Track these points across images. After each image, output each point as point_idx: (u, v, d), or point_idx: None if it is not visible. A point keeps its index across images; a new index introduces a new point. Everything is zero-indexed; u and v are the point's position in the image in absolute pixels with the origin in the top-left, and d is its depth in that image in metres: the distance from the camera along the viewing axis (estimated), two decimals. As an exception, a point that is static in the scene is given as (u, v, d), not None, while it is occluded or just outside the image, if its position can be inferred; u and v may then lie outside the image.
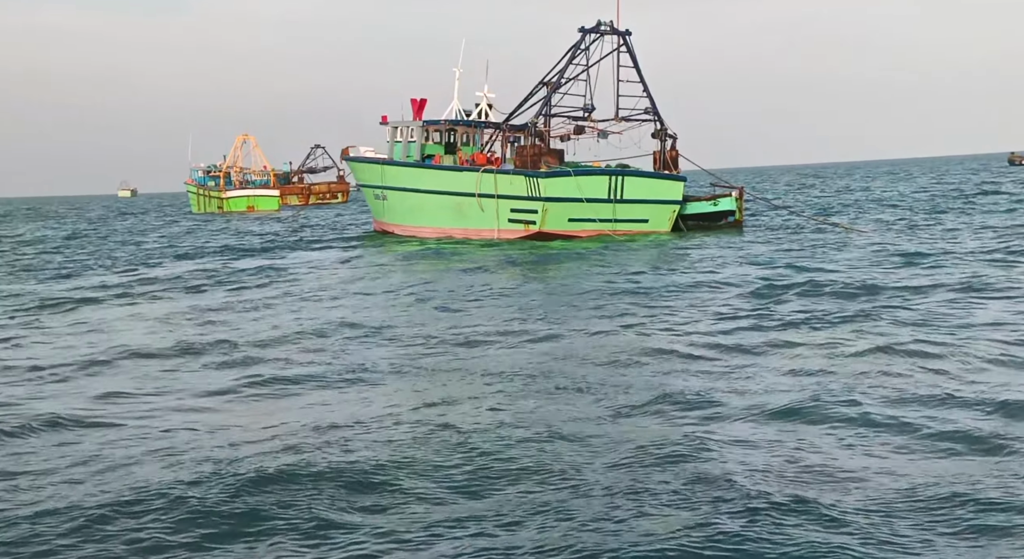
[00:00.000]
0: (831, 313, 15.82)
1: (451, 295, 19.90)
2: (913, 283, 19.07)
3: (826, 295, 17.67)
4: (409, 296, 20.18)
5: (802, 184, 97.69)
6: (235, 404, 11.08)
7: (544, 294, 19.74)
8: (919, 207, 46.16)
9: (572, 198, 35.91)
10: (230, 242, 42.55)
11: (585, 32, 37.87)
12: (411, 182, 40.85)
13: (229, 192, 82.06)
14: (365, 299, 20.33)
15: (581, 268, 24.98)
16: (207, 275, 26.72)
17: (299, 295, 21.21)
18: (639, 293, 19.36)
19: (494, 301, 18.76)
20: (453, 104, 42.03)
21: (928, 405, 9.92)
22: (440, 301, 18.97)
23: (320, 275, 26.14)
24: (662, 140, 38.33)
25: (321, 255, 33.57)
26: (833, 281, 19.44)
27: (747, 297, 17.89)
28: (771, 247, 28.88)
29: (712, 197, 37.92)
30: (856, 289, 18.21)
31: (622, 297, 18.78)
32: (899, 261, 23.29)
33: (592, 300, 18.30)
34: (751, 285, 19.60)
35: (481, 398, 10.78)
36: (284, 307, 19.40)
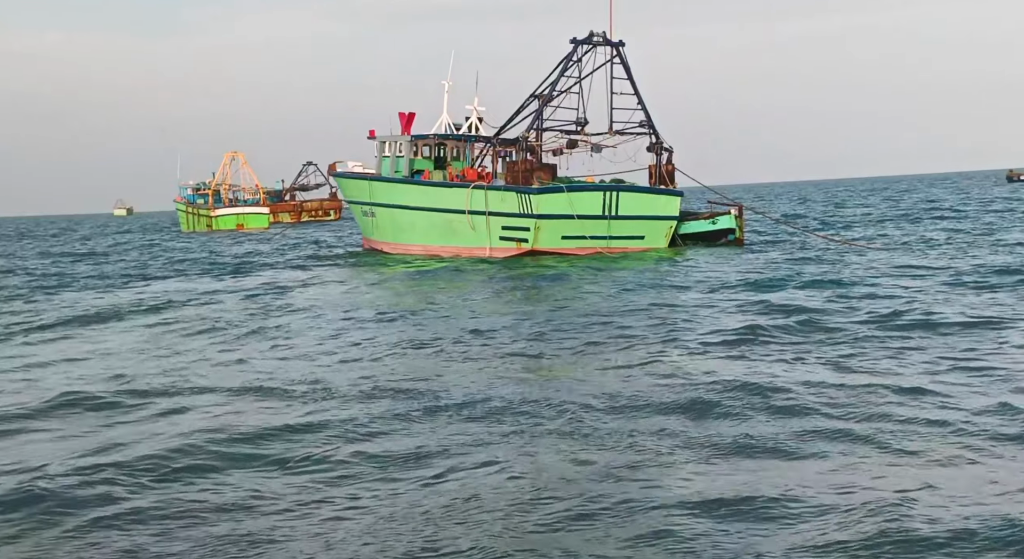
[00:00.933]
0: (825, 344, 14.52)
1: (429, 331, 18.38)
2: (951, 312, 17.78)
3: (824, 324, 16.22)
4: (380, 329, 18.67)
5: (802, 198, 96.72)
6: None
7: (532, 324, 18.29)
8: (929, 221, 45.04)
9: (565, 215, 34.65)
10: (203, 261, 41.20)
11: (577, 43, 36.67)
12: (399, 199, 39.60)
13: (218, 210, 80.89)
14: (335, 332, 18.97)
15: (573, 291, 23.61)
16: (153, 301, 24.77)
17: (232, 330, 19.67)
18: (634, 314, 18.05)
19: (476, 340, 17.25)
20: (442, 118, 40.82)
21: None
22: (415, 339, 17.32)
23: (287, 299, 24.56)
24: (658, 154, 37.08)
25: (296, 275, 32.13)
26: (834, 306, 18.12)
27: (745, 326, 16.41)
28: (772, 265, 27.57)
29: (711, 215, 36.63)
30: (867, 318, 16.82)
31: (614, 324, 17.46)
32: (919, 278, 22.03)
33: (582, 329, 16.91)
34: (750, 312, 18.20)
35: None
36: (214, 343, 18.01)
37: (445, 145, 40.95)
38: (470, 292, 23.31)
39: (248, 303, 23.05)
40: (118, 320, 20.68)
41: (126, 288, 29.26)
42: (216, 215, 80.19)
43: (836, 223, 48.83)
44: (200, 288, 28.26)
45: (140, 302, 24.06)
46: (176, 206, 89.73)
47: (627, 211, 35.33)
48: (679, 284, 23.06)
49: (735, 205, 36.53)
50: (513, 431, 9.84)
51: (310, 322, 18.75)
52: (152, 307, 22.75)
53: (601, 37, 36.58)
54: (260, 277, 31.45)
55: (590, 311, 18.70)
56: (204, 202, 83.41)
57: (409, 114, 40.48)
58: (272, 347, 16.06)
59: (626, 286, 22.91)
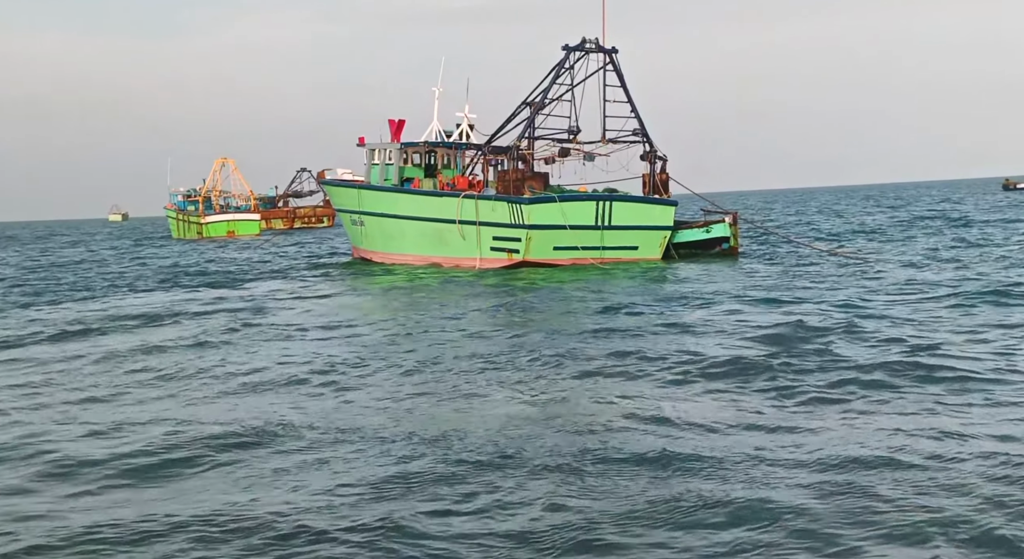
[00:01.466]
0: (836, 370, 13.79)
1: (411, 352, 17.62)
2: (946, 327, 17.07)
3: (831, 345, 15.52)
4: (355, 351, 17.94)
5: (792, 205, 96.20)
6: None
7: (520, 340, 17.62)
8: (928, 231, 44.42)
9: (557, 225, 33.95)
10: (184, 269, 40.45)
11: (569, 50, 36.01)
12: (389, 207, 38.90)
13: (208, 217, 79.58)
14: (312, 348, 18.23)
15: (565, 304, 22.89)
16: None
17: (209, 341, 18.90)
18: (624, 335, 17.35)
19: (459, 357, 16.60)
20: (433, 125, 40.16)
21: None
22: (398, 357, 16.63)
23: (267, 312, 23.69)
24: (651, 162, 36.42)
25: (277, 288, 31.30)
26: (838, 323, 17.42)
27: (740, 347, 15.78)
28: (769, 279, 26.86)
29: (705, 223, 35.96)
30: (875, 339, 16.08)
31: (605, 341, 16.77)
32: (917, 293, 21.34)
33: (570, 348, 16.19)
34: (746, 330, 17.48)
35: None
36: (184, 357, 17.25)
37: (435, 153, 40.26)
38: (456, 310, 22.46)
39: (210, 324, 21.10)
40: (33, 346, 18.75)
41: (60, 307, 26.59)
42: (206, 222, 78.87)
43: (834, 231, 48.22)
44: (156, 303, 26.41)
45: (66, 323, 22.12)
46: (166, 213, 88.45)
47: (620, 221, 34.65)
48: (670, 301, 22.22)
49: (729, 213, 35.86)
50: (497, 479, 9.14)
51: (280, 349, 17.38)
52: (80, 331, 20.64)
53: (594, 44, 35.92)
54: (237, 290, 30.63)
55: (576, 333, 17.90)
56: (195, 209, 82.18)
57: (399, 121, 39.84)
58: (222, 385, 14.37)
59: (616, 304, 22.10)
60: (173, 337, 19.25)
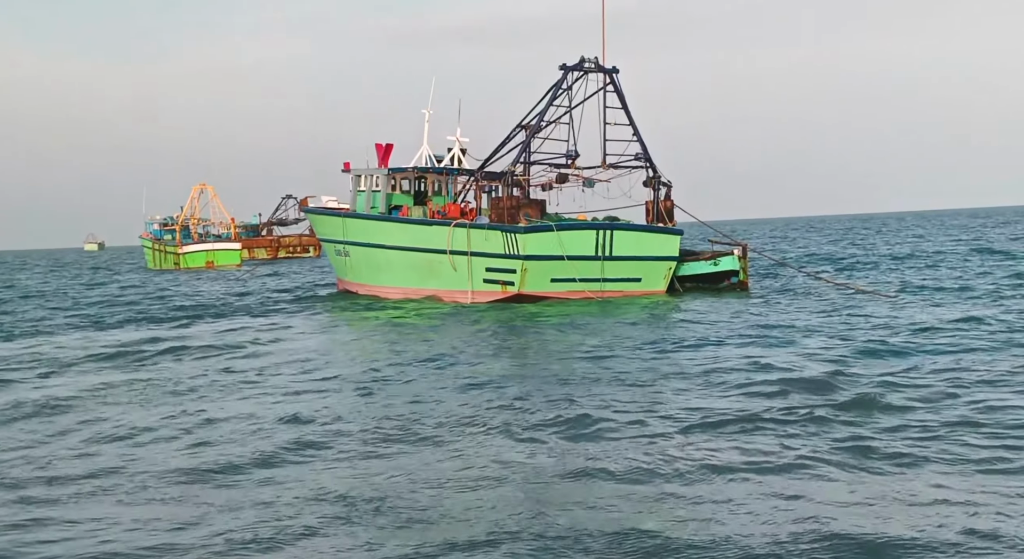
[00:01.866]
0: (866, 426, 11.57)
1: (390, 407, 15.20)
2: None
3: (836, 412, 13.01)
4: (332, 404, 15.53)
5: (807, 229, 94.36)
6: None
7: (511, 390, 15.22)
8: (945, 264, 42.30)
9: (555, 256, 31.69)
10: (150, 306, 37.94)
11: (567, 70, 33.85)
12: (375, 237, 36.61)
13: (186, 247, 76.17)
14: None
15: (562, 345, 20.49)
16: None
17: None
18: (627, 383, 15.09)
19: (439, 414, 14.16)
20: (423, 149, 37.97)
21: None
22: (371, 417, 14.19)
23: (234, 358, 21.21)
24: (655, 189, 34.19)
25: (251, 323, 28.88)
26: (859, 375, 15.13)
27: (740, 413, 13.09)
28: (785, 317, 24.57)
29: (712, 255, 33.69)
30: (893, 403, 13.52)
31: (605, 390, 14.50)
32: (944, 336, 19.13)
33: (565, 401, 13.85)
34: (763, 377, 15.10)
35: None
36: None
37: (425, 179, 38.05)
38: (442, 352, 19.92)
39: (162, 369, 18.64)
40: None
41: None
42: (184, 252, 75.47)
43: (849, 262, 46.06)
44: (105, 342, 23.76)
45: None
46: (142, 242, 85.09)
47: (622, 251, 32.41)
48: (681, 343, 19.88)
49: (739, 245, 33.62)
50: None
51: (242, 403, 15.06)
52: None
53: (593, 63, 33.78)
54: (202, 328, 28.20)
55: (575, 380, 15.55)
56: (171, 238, 78.95)
57: (386, 145, 37.66)
58: (166, 446, 12.23)
59: (618, 345, 19.79)
60: (119, 382, 16.89)
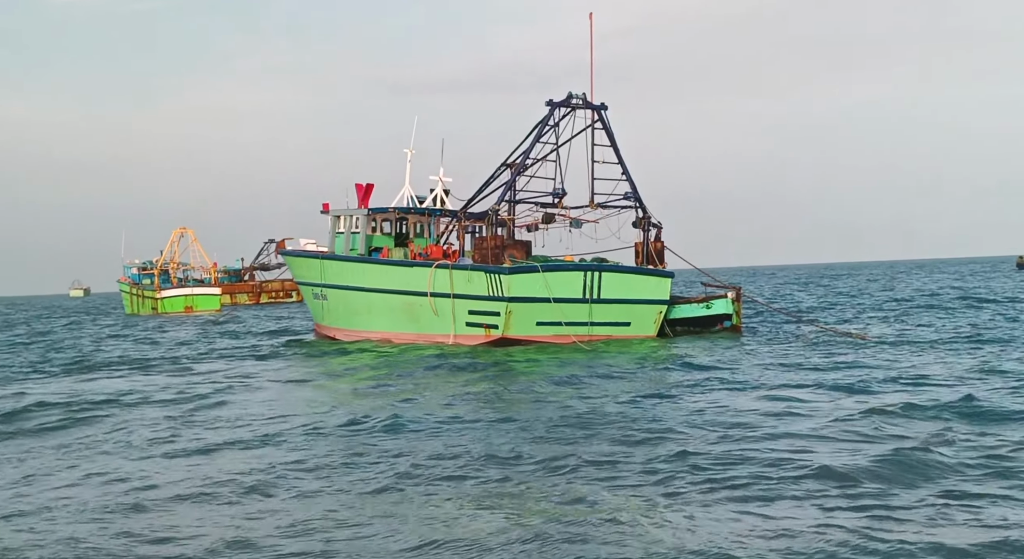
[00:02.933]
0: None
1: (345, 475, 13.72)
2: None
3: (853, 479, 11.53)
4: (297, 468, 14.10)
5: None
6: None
7: (492, 447, 13.69)
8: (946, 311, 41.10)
9: (540, 298, 30.33)
10: (124, 351, 36.34)
11: (554, 106, 32.75)
12: (354, 279, 35.19)
13: (165, 291, 74.59)
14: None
15: (549, 395, 18.89)
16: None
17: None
18: (609, 441, 13.57)
19: (409, 477, 12.62)
20: (404, 190, 36.69)
21: None
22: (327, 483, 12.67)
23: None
24: (645, 230, 32.97)
25: (218, 369, 27.34)
26: (860, 440, 13.69)
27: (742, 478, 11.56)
28: (781, 364, 23.16)
29: (704, 298, 32.37)
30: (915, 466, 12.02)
31: (598, 449, 13.02)
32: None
33: (551, 464, 12.33)
34: (746, 444, 13.41)
35: None
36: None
37: (407, 220, 36.75)
38: (418, 404, 18.23)
39: (106, 428, 16.73)
40: None
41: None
42: (162, 297, 73.98)
43: (843, 308, 44.87)
44: (58, 393, 21.85)
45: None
46: (120, 287, 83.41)
47: (611, 294, 31.09)
48: (669, 395, 18.24)
49: (732, 288, 32.34)
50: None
51: (193, 464, 13.49)
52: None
53: (581, 99, 32.71)
54: (165, 378, 26.62)
55: (562, 440, 13.91)
56: (150, 282, 77.33)
57: (367, 185, 36.34)
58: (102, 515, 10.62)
59: (605, 395, 18.27)
60: (53, 446, 15.24)
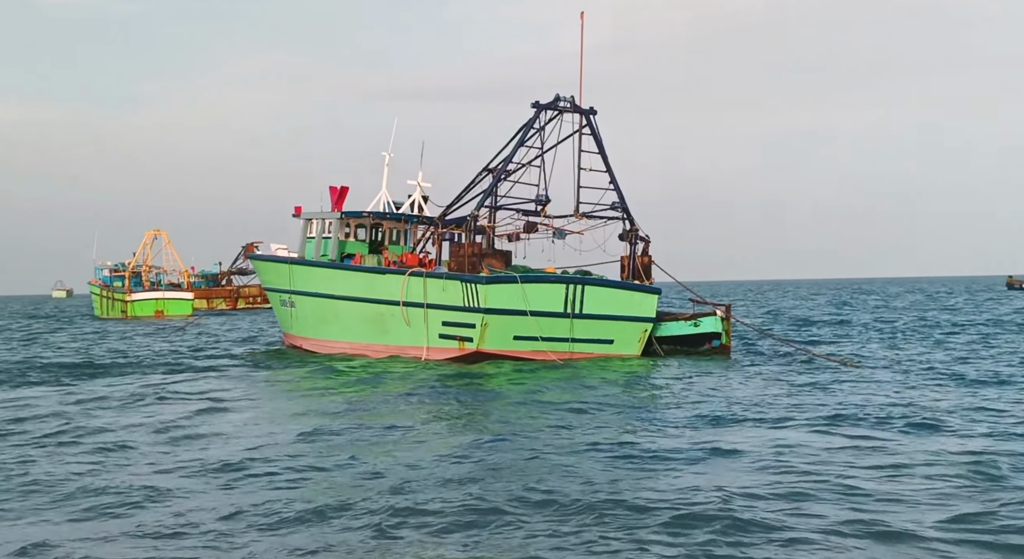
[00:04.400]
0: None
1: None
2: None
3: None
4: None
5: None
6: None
7: (458, 480, 11.98)
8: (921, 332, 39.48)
9: (519, 310, 28.54)
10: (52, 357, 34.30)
11: (540, 108, 31.00)
12: (323, 286, 33.30)
13: (135, 294, 72.53)
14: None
15: (516, 420, 17.14)
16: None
17: None
18: (586, 480, 11.85)
19: (369, 512, 10.94)
20: (381, 194, 34.86)
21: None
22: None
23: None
24: (632, 243, 31.20)
25: (169, 381, 25.39)
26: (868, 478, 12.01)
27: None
28: (772, 388, 21.47)
29: (692, 316, 30.61)
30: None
31: (554, 501, 11.24)
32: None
33: (525, 505, 10.61)
34: (734, 491, 11.77)
35: None
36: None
37: (382, 226, 34.90)
38: (379, 429, 16.42)
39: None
40: None
41: None
42: (132, 300, 71.90)
43: (839, 332, 43.18)
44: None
45: None
46: (90, 289, 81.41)
47: (594, 309, 29.32)
48: (653, 423, 16.52)
49: (721, 306, 30.60)
50: None
51: (127, 495, 11.81)
52: None
53: (569, 102, 30.99)
54: (105, 388, 24.70)
55: (531, 477, 12.16)
56: (121, 285, 75.24)
57: (341, 188, 34.48)
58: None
59: (584, 422, 16.49)
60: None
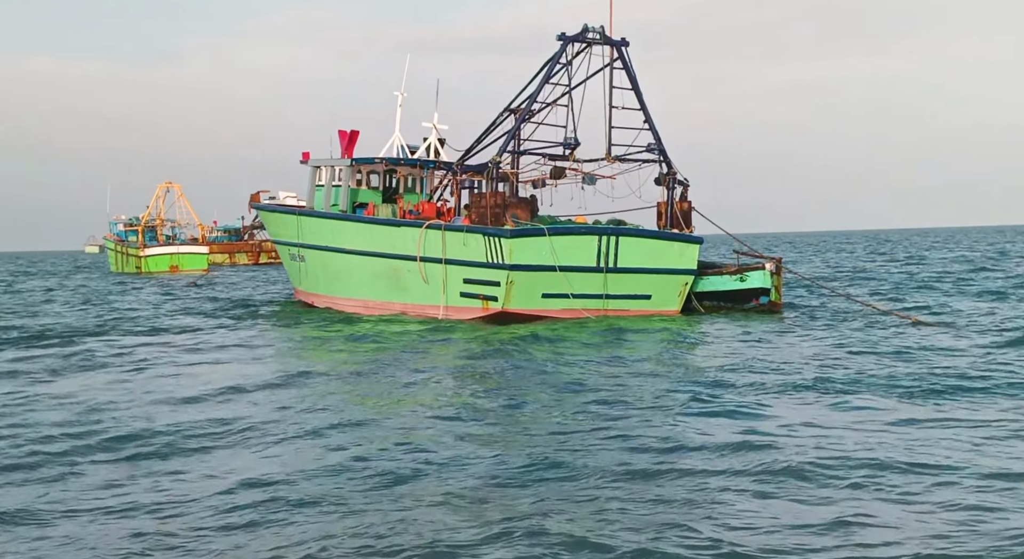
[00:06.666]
0: None
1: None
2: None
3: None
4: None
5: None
6: None
7: (482, 468, 9.62)
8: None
9: (547, 266, 25.86)
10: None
11: (567, 41, 27.98)
12: (334, 239, 30.77)
13: (148, 249, 70.27)
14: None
15: (544, 391, 14.71)
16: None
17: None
18: (614, 466, 9.36)
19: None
20: (394, 138, 32.15)
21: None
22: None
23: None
24: (669, 188, 28.31)
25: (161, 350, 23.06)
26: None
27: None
28: (842, 353, 18.77)
29: (739, 269, 27.79)
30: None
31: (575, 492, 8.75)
32: None
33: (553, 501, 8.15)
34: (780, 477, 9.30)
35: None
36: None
37: (396, 172, 32.18)
38: (381, 405, 14.14)
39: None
40: None
41: None
42: (146, 255, 69.72)
43: (898, 284, 40.20)
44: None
45: None
46: (106, 244, 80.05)
47: (629, 262, 26.59)
48: (690, 393, 14.04)
49: (772, 259, 27.75)
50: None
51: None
52: None
53: (598, 33, 27.94)
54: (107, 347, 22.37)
55: (584, 474, 9.89)
56: (136, 240, 73.02)
57: (351, 132, 31.79)
58: None
59: (614, 395, 14.00)
60: None
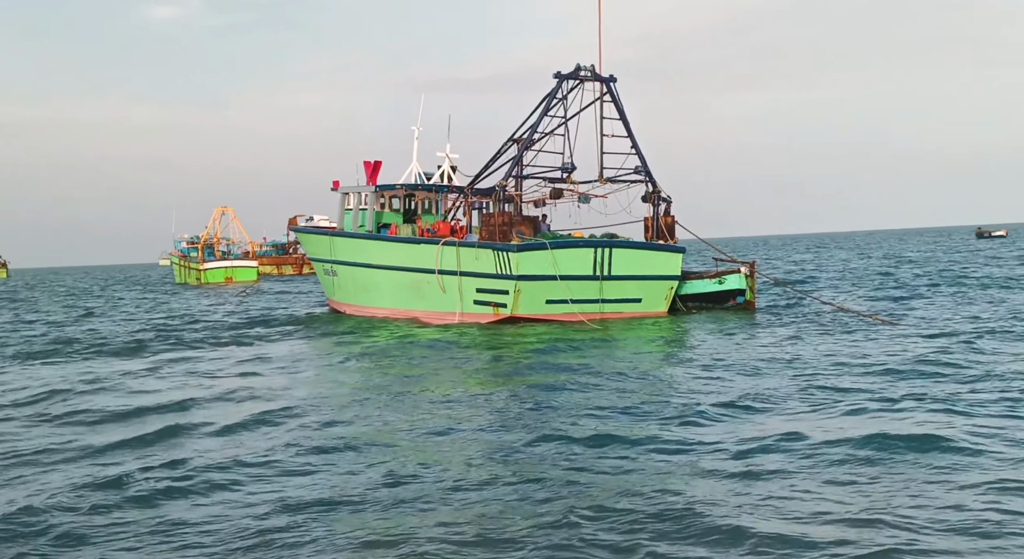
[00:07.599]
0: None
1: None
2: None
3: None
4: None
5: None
6: None
7: (503, 465, 13.12)
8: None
9: (549, 276, 29.61)
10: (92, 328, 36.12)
11: (562, 78, 31.78)
12: (362, 256, 34.78)
13: (207, 264, 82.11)
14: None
15: (555, 387, 17.78)
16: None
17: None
18: (613, 458, 12.78)
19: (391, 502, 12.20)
20: (412, 166, 36.13)
21: None
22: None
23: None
24: (655, 204, 32.00)
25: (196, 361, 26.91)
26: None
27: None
28: (801, 344, 22.08)
29: (717, 274, 31.39)
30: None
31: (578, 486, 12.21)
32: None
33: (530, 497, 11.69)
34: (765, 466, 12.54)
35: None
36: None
37: (414, 196, 36.18)
38: (410, 399, 17.45)
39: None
40: None
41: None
42: (205, 268, 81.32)
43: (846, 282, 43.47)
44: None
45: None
46: (171, 259, 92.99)
47: (622, 270, 30.29)
48: (676, 386, 17.46)
49: (746, 263, 31.32)
50: None
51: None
52: None
53: (589, 71, 31.70)
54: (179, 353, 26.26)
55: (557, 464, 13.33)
56: (196, 255, 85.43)
57: (375, 162, 35.87)
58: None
59: (608, 393, 17.13)
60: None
